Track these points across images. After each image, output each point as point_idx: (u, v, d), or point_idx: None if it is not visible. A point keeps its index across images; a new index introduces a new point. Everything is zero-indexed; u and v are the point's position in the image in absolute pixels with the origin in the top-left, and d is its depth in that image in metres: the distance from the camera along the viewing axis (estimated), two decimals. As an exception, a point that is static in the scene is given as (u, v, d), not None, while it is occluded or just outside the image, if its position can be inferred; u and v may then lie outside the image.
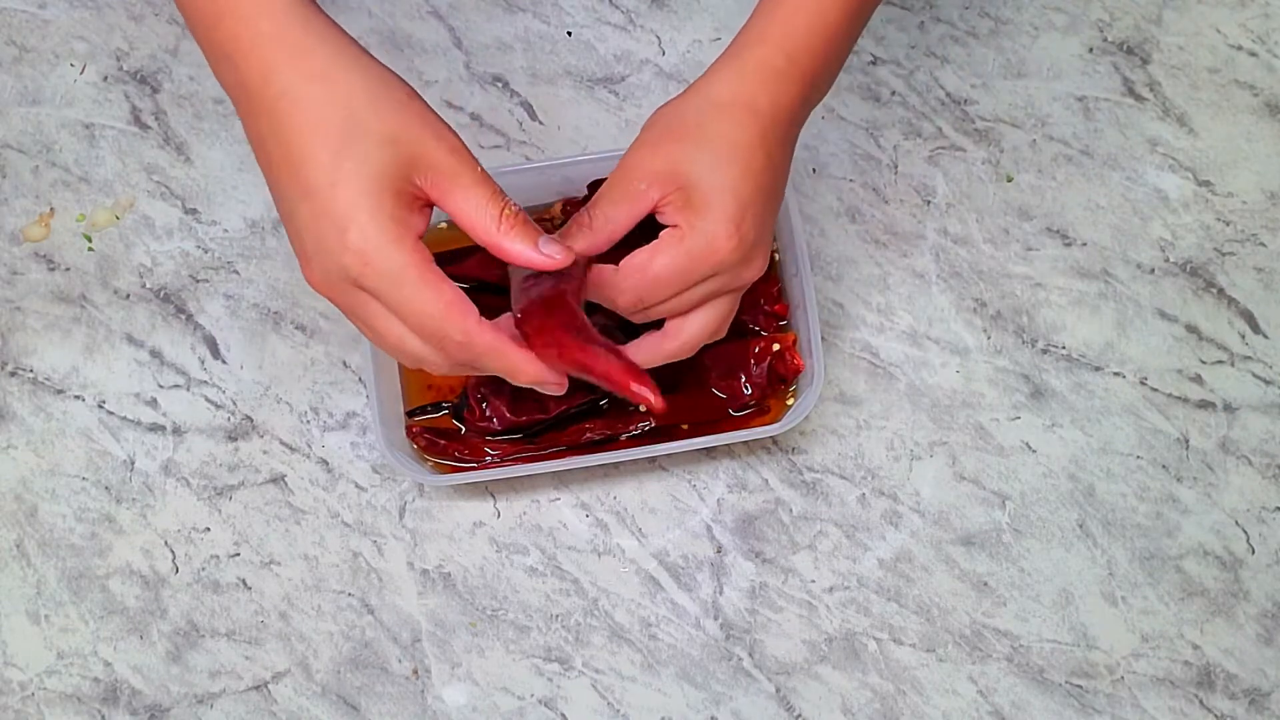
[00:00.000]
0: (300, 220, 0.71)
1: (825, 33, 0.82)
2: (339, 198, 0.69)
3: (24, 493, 0.98)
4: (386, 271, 0.70)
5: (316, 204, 0.70)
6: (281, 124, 0.70)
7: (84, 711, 0.95)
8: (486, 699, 0.94)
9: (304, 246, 0.72)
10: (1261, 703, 0.94)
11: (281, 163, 0.71)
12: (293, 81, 0.70)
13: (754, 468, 0.98)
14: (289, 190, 0.71)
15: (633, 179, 0.80)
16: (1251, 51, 1.06)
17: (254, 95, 0.71)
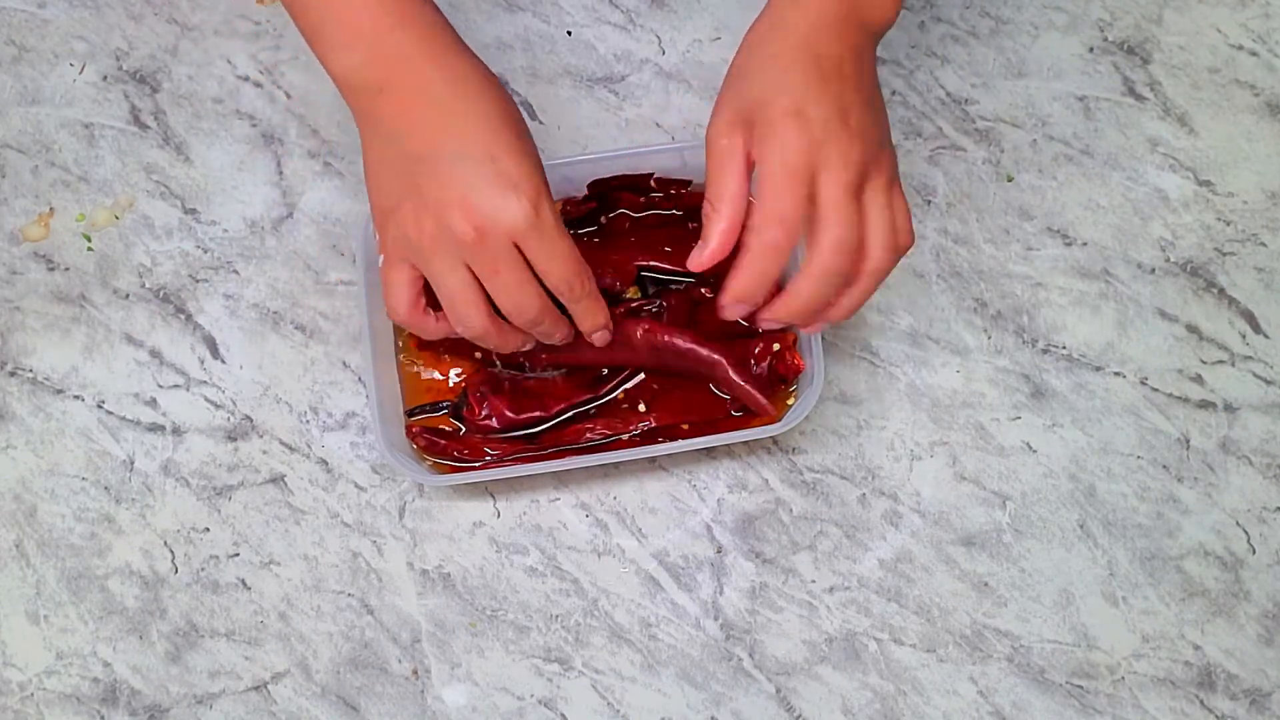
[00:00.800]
0: (476, 179, 0.82)
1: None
2: (523, 164, 0.83)
3: (24, 493, 0.98)
4: (550, 224, 0.83)
5: (500, 166, 0.82)
6: (470, 107, 0.84)
7: (84, 711, 0.95)
8: (486, 699, 0.94)
9: (473, 202, 0.82)
10: (1262, 703, 0.94)
11: (464, 135, 0.83)
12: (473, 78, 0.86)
13: (754, 468, 0.98)
14: (468, 155, 0.83)
15: (715, 144, 0.83)
16: (1252, 51, 1.06)
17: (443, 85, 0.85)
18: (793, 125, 0.80)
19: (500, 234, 0.82)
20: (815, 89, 0.81)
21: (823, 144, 0.80)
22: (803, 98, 0.80)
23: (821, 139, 0.80)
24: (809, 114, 0.80)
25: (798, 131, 0.80)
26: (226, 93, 1.06)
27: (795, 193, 0.80)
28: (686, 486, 0.98)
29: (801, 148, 0.80)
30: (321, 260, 1.02)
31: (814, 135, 0.80)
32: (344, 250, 1.02)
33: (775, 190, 0.80)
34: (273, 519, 0.97)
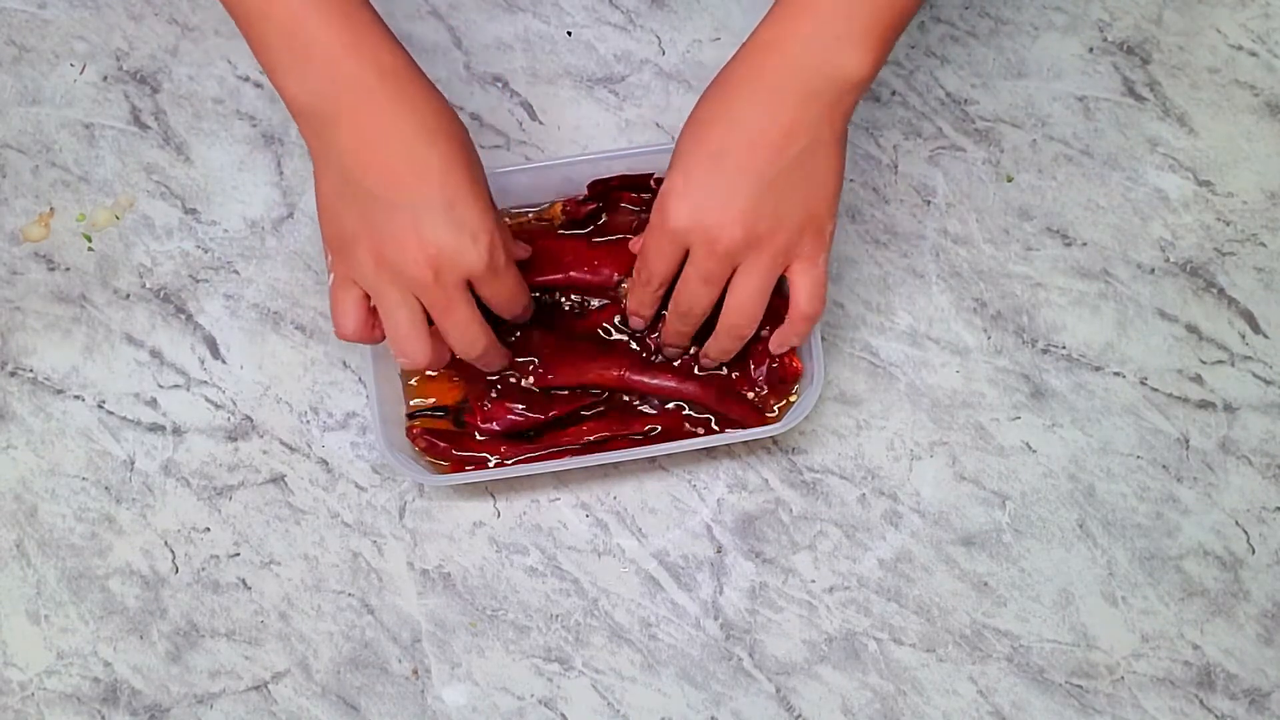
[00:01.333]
0: (431, 223, 0.83)
1: None
2: (476, 209, 0.84)
3: (24, 493, 0.98)
4: (501, 265, 0.86)
5: (455, 212, 0.83)
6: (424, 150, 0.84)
7: (84, 711, 0.95)
8: (486, 699, 0.94)
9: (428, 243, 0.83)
10: (1262, 703, 0.94)
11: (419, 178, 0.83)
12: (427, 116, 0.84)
13: (754, 468, 0.98)
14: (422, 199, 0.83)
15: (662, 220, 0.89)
16: (1251, 51, 1.06)
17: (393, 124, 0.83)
18: (671, 205, 0.85)
19: (456, 277, 0.85)
20: (708, 171, 0.84)
21: (690, 231, 0.85)
22: (693, 180, 0.84)
23: (689, 226, 0.85)
24: (693, 190, 0.85)
25: (674, 209, 0.85)
26: (227, 93, 1.06)
27: (654, 253, 0.88)
28: (686, 486, 0.98)
29: (676, 224, 0.85)
30: (321, 260, 1.02)
31: (689, 214, 0.85)
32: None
33: (644, 248, 0.89)
34: (273, 519, 0.97)
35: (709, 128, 0.84)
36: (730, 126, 0.84)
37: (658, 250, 0.87)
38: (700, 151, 0.84)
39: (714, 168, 0.84)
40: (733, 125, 0.84)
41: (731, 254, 0.85)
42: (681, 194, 0.85)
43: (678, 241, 0.86)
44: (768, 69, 0.83)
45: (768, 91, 0.83)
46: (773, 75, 0.83)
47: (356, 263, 0.85)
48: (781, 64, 0.83)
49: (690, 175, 0.84)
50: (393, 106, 0.83)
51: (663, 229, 0.86)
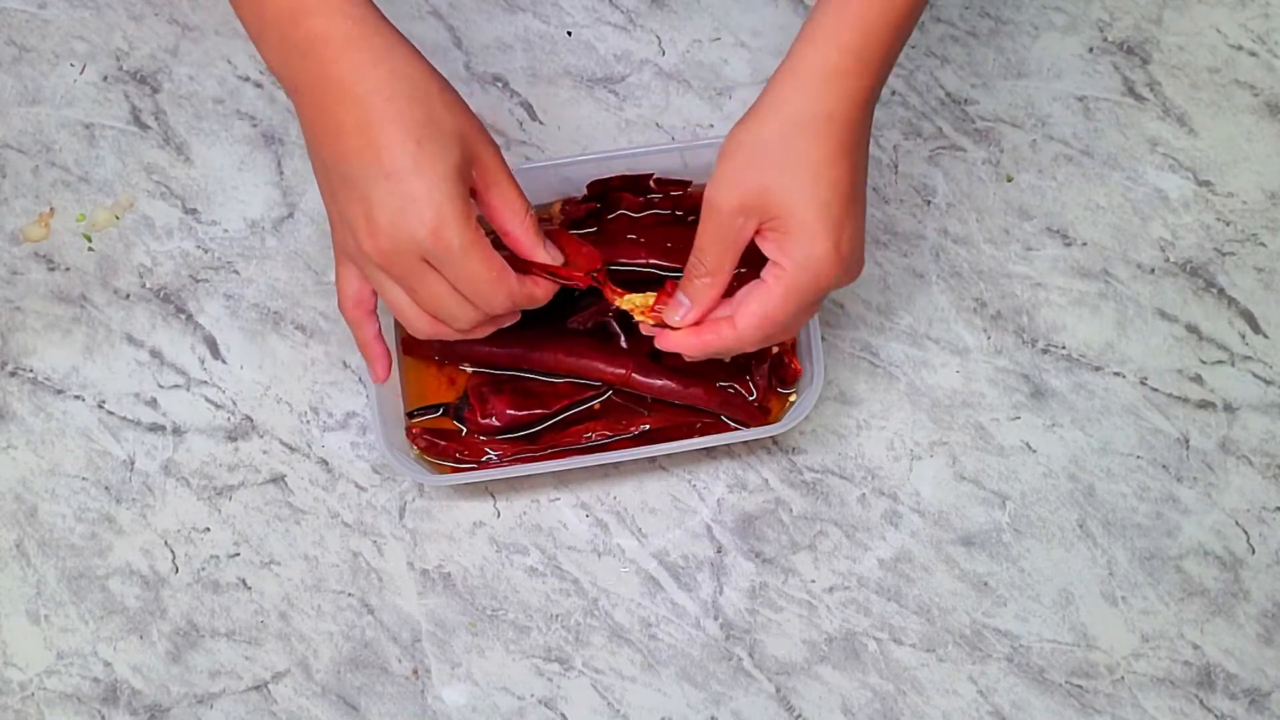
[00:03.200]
0: (377, 200, 0.78)
1: (892, 24, 0.81)
2: (420, 181, 0.78)
3: (24, 493, 0.98)
4: (457, 245, 0.79)
5: (397, 187, 0.78)
6: (368, 117, 0.78)
7: (84, 711, 0.95)
8: (486, 699, 0.94)
9: (376, 222, 0.79)
10: (1261, 703, 0.94)
11: (361, 149, 0.78)
12: (378, 81, 0.78)
13: (754, 468, 0.98)
14: (367, 172, 0.78)
15: (726, 215, 0.82)
16: (1251, 51, 1.06)
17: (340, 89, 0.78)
18: (830, 259, 0.80)
19: (405, 253, 0.80)
20: (851, 215, 0.81)
21: (839, 276, 0.82)
22: (841, 228, 0.80)
23: (840, 273, 0.82)
24: (843, 249, 0.81)
25: (832, 267, 0.81)
26: (227, 93, 1.06)
27: (800, 313, 0.83)
28: (686, 486, 0.98)
29: (828, 281, 0.81)
30: (321, 260, 1.02)
31: (840, 273, 0.81)
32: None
33: (788, 310, 0.82)
34: (273, 519, 0.97)
35: (825, 174, 0.80)
36: (845, 172, 0.81)
37: (799, 311, 0.83)
38: (833, 204, 0.80)
39: (848, 221, 0.81)
40: (847, 170, 0.81)
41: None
42: (835, 248, 0.80)
43: (822, 295, 0.83)
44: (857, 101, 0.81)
45: (861, 126, 0.81)
46: (861, 110, 0.81)
47: (340, 241, 0.83)
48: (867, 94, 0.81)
49: (839, 230, 0.80)
50: (342, 68, 0.78)
51: (816, 290, 0.82)
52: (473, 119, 0.82)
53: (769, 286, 0.82)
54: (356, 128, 0.78)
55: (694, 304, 0.85)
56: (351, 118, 0.78)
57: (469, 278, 0.80)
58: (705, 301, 0.84)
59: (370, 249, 0.80)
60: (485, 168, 0.82)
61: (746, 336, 0.83)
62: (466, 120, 0.81)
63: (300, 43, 0.79)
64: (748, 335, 0.83)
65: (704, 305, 0.85)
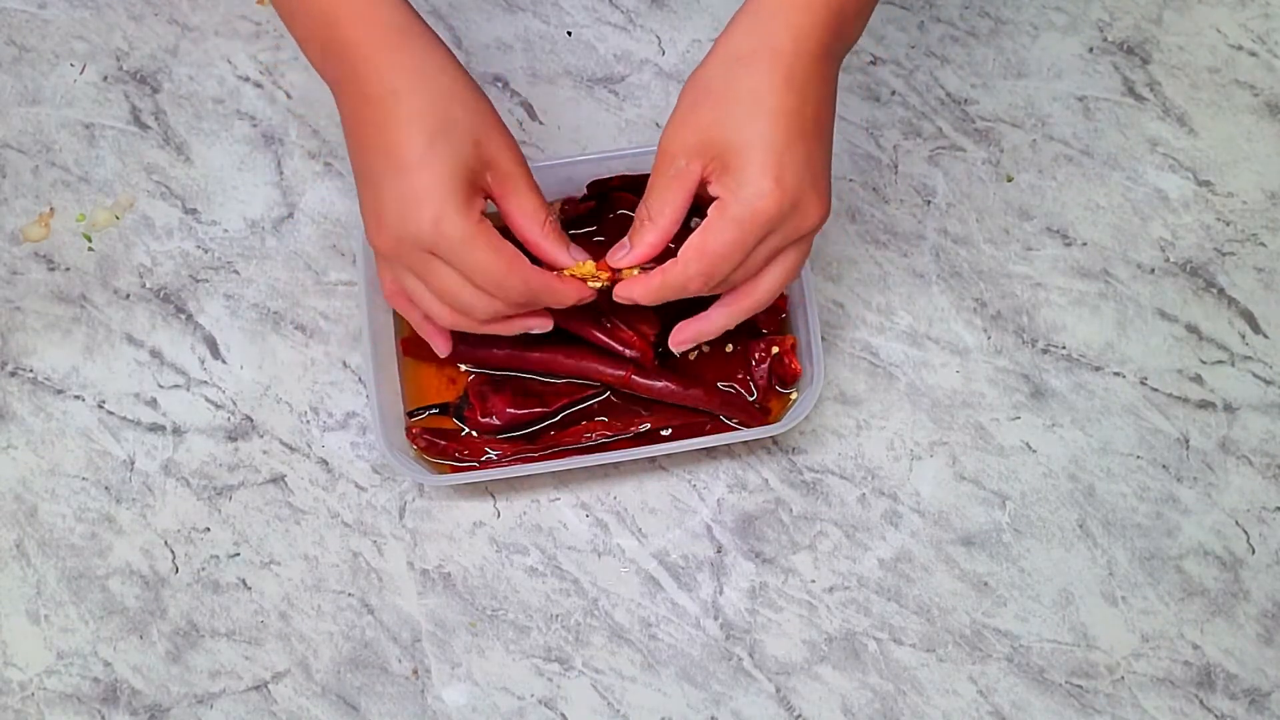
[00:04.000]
0: (385, 193, 0.81)
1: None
2: (423, 178, 0.80)
3: (24, 493, 0.98)
4: (458, 238, 0.80)
5: (403, 181, 0.80)
6: (387, 115, 0.81)
7: (84, 711, 0.95)
8: (486, 699, 0.94)
9: (383, 215, 0.81)
10: (1261, 703, 0.94)
11: (379, 145, 0.81)
12: (401, 82, 0.81)
13: (754, 468, 0.98)
14: (380, 167, 0.81)
15: (671, 158, 0.82)
16: (1251, 51, 1.06)
17: (365, 88, 0.82)
18: (769, 190, 0.80)
19: (410, 248, 0.82)
20: (796, 148, 0.80)
21: (788, 215, 0.81)
22: (782, 159, 0.80)
23: (788, 210, 0.80)
24: (785, 181, 0.80)
25: (771, 199, 0.80)
26: (227, 93, 1.06)
27: (742, 247, 0.81)
28: (686, 486, 0.98)
29: (768, 213, 0.80)
30: (321, 260, 1.02)
31: (782, 205, 0.80)
32: (344, 250, 1.02)
33: (725, 240, 0.81)
34: (273, 519, 0.97)
35: (763, 104, 0.79)
36: (792, 103, 0.80)
37: (741, 245, 0.81)
38: (772, 133, 0.79)
39: (793, 148, 0.80)
40: (794, 100, 0.80)
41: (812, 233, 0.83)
42: (774, 182, 0.79)
43: (767, 232, 0.81)
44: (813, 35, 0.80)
45: (815, 59, 0.80)
46: (816, 43, 0.80)
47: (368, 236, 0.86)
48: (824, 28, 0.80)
49: (777, 160, 0.79)
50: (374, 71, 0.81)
51: (755, 221, 0.80)
52: (495, 124, 0.84)
53: (709, 218, 0.81)
54: (376, 125, 0.81)
55: (633, 247, 0.85)
56: (374, 116, 0.81)
57: (478, 269, 0.81)
58: (643, 246, 0.84)
59: (378, 242, 0.83)
60: (504, 174, 0.83)
61: (690, 271, 0.82)
62: (486, 123, 0.83)
63: (336, 45, 0.82)
64: (691, 269, 0.82)
65: (642, 249, 0.84)
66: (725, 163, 0.80)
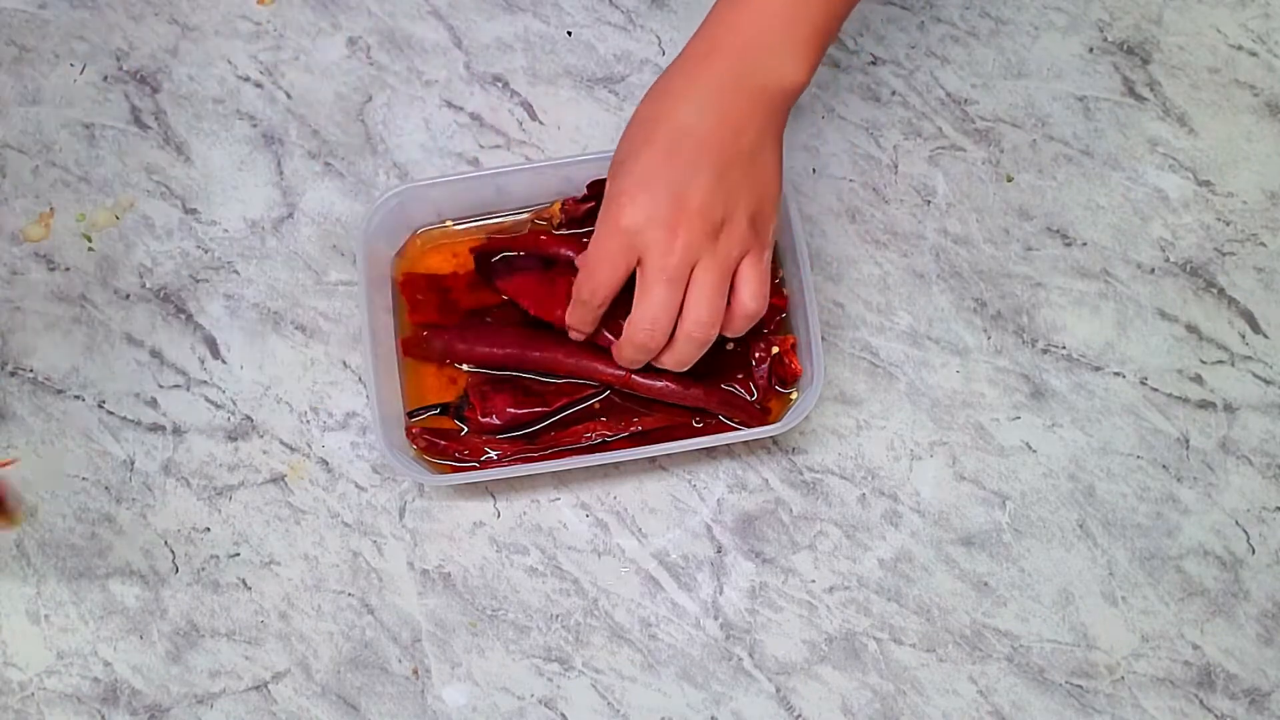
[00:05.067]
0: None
1: None
2: None
3: (25, 493, 0.98)
4: None
5: None
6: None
7: (84, 711, 0.95)
8: (486, 699, 0.94)
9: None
10: (1262, 703, 0.94)
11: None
12: None
13: (754, 468, 0.98)
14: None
15: None
16: (1252, 51, 1.06)
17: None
18: (618, 201, 0.84)
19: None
20: (665, 169, 0.83)
21: (645, 229, 0.83)
22: (646, 175, 0.83)
23: (645, 224, 0.83)
24: (651, 193, 0.83)
25: (628, 214, 0.84)
26: (227, 93, 1.06)
27: (608, 255, 0.85)
28: (686, 486, 0.98)
29: (628, 228, 0.84)
30: (321, 260, 1.02)
31: (641, 217, 0.83)
32: (344, 250, 1.02)
33: (589, 254, 0.86)
34: (273, 519, 0.97)
35: (655, 126, 0.84)
36: (678, 124, 0.83)
37: (608, 257, 0.85)
38: (650, 149, 0.83)
39: (667, 162, 0.83)
40: (681, 123, 0.83)
41: (690, 248, 0.84)
42: (635, 191, 0.83)
43: (632, 243, 0.84)
44: (711, 74, 0.84)
45: (714, 93, 0.83)
46: (716, 79, 0.84)
47: None
48: (725, 70, 0.84)
49: (642, 172, 0.83)
50: None
51: (616, 230, 0.84)
52: None
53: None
54: None
55: None
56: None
57: None
58: None
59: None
60: None
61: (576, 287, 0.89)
62: None
63: None
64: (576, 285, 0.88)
65: None
66: (610, 174, 0.86)
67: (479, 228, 1.00)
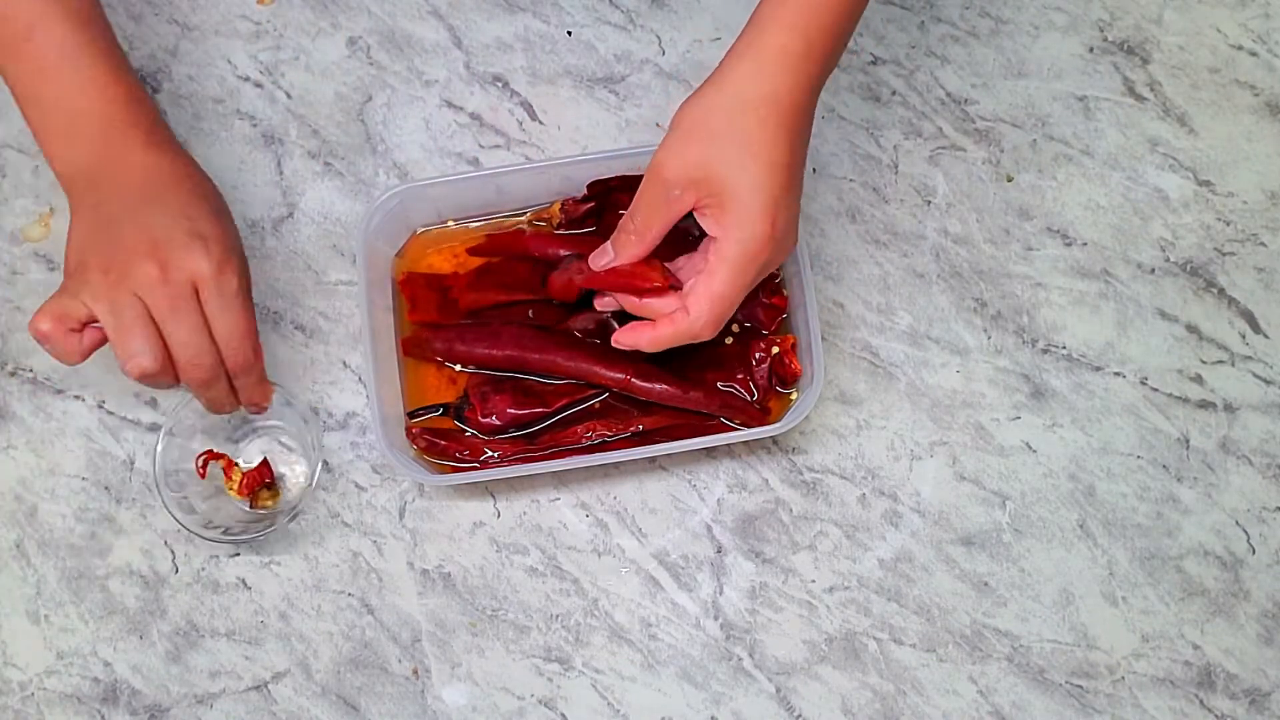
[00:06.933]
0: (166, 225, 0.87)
1: (840, 9, 0.84)
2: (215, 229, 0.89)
3: (24, 493, 0.98)
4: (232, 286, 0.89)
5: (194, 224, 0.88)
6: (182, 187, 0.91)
7: (84, 711, 0.95)
8: (486, 699, 0.94)
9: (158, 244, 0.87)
10: (1262, 703, 0.94)
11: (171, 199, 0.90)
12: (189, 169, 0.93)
13: (754, 468, 0.98)
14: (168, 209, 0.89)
15: (665, 184, 0.85)
16: (1252, 51, 1.06)
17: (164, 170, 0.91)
18: (765, 235, 0.84)
19: (183, 277, 0.86)
20: (787, 195, 0.84)
21: (773, 255, 0.85)
22: (776, 207, 0.84)
23: (777, 253, 0.86)
24: (778, 228, 0.84)
25: (769, 244, 0.84)
26: (227, 93, 1.06)
27: (744, 288, 0.86)
28: (686, 486, 0.98)
29: (764, 256, 0.85)
30: (321, 260, 1.02)
31: (776, 249, 0.85)
32: (344, 250, 1.02)
33: (732, 284, 0.85)
34: (273, 519, 0.97)
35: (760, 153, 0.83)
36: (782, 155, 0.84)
37: (744, 287, 0.86)
38: (767, 183, 0.83)
39: (783, 200, 0.84)
40: (784, 153, 0.84)
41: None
42: (771, 225, 0.84)
43: (760, 272, 0.86)
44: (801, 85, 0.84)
45: (801, 112, 0.84)
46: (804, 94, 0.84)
47: (85, 281, 0.87)
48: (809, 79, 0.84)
49: (775, 208, 0.84)
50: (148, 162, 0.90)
51: (753, 262, 0.85)
52: None
53: (713, 268, 0.85)
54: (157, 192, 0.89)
55: (617, 255, 0.89)
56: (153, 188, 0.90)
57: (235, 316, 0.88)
58: (626, 256, 0.88)
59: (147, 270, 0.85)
60: None
61: (704, 319, 0.86)
62: None
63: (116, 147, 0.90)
64: (704, 316, 0.86)
65: (625, 259, 0.88)
66: (723, 204, 0.84)
67: (479, 228, 1.01)
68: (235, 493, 0.96)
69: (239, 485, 0.95)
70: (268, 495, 0.96)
